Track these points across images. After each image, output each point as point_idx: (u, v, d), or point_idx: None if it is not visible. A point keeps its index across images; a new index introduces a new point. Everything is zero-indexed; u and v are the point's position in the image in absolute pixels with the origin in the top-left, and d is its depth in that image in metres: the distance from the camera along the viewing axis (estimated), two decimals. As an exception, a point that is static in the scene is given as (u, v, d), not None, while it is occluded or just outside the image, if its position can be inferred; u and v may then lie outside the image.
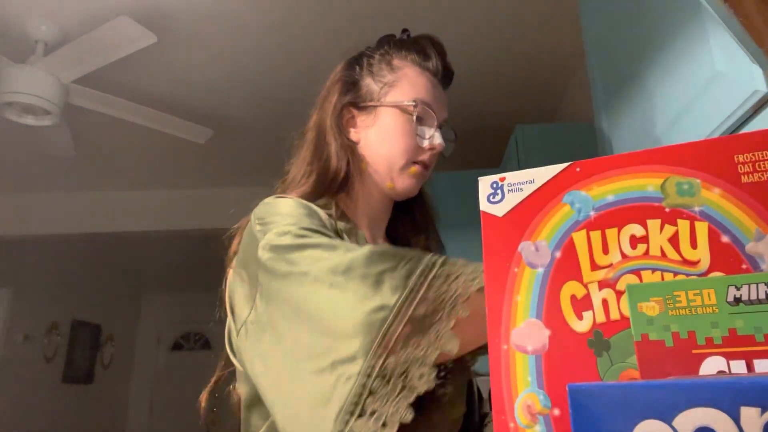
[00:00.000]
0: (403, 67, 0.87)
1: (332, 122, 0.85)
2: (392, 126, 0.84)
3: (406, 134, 0.84)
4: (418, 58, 0.89)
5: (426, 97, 0.86)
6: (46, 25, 2.26)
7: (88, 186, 3.85)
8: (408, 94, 0.85)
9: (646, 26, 1.08)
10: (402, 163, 0.84)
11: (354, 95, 0.87)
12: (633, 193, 0.45)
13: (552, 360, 0.43)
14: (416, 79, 0.87)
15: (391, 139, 0.84)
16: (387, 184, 0.85)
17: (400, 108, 0.84)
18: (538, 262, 0.46)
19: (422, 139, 0.85)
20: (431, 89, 0.87)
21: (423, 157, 0.85)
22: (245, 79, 2.71)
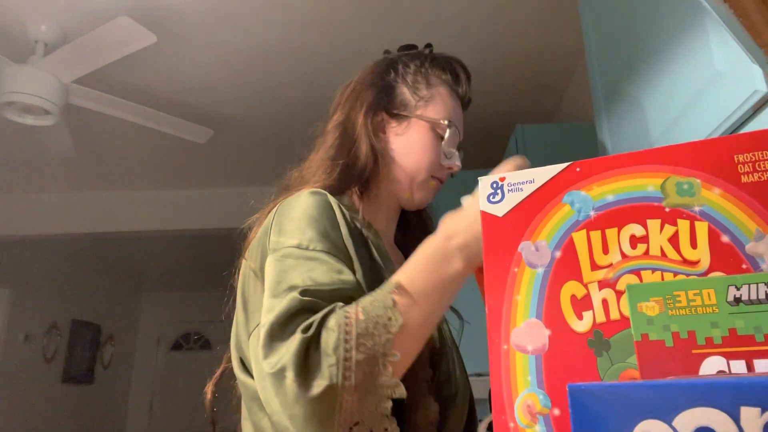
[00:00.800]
0: (438, 85, 0.90)
1: (364, 122, 0.86)
2: (422, 140, 0.87)
3: (434, 151, 0.87)
4: (451, 80, 0.92)
5: (455, 119, 0.89)
6: (46, 25, 2.26)
7: (88, 186, 3.85)
8: (441, 112, 0.88)
9: (646, 26, 1.08)
10: (423, 177, 0.87)
11: (389, 100, 0.88)
12: (633, 193, 0.45)
13: (552, 360, 0.43)
14: (448, 100, 0.90)
15: (418, 153, 0.87)
16: (406, 194, 0.88)
17: (433, 124, 0.87)
18: (538, 262, 0.46)
19: (446, 159, 0.88)
20: (459, 112, 0.92)
21: (440, 174, 0.89)
22: (245, 79, 2.71)
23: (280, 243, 0.69)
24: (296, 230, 0.70)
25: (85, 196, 3.92)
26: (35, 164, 3.46)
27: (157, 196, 3.93)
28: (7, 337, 4.33)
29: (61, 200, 3.90)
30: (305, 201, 0.74)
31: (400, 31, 2.33)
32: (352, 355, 0.57)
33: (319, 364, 0.57)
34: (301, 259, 0.66)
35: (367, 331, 0.58)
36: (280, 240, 0.70)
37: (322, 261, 0.66)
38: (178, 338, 6.19)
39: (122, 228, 3.90)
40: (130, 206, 3.89)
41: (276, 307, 0.61)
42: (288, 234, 0.70)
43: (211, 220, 3.81)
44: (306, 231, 0.69)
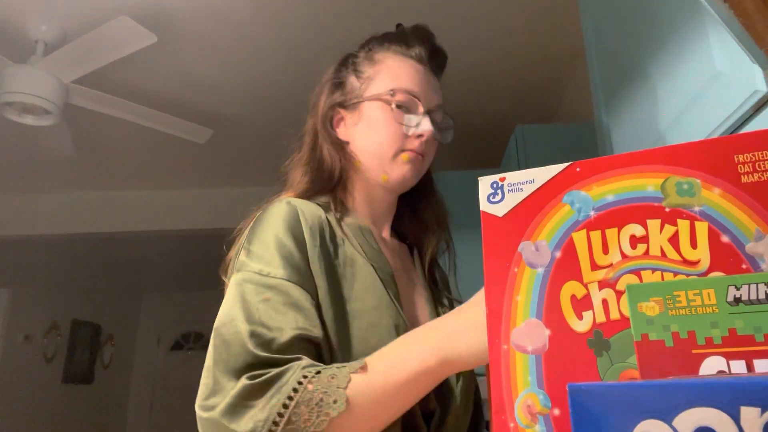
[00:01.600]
0: (383, 59, 0.87)
1: (322, 123, 0.87)
2: (375, 118, 0.84)
3: (389, 123, 0.83)
4: (399, 47, 0.88)
5: (408, 84, 0.84)
6: (46, 25, 2.26)
7: (88, 186, 3.85)
8: (387, 84, 0.85)
9: (646, 26, 1.08)
10: (391, 153, 0.83)
11: (340, 95, 0.88)
12: (633, 193, 0.45)
13: (552, 360, 0.43)
14: (397, 68, 0.86)
15: (375, 131, 0.84)
16: (381, 177, 0.85)
17: (380, 99, 0.84)
18: (538, 262, 0.46)
19: (408, 127, 0.83)
20: (415, 75, 0.86)
21: (412, 145, 0.84)
22: (245, 79, 2.71)
23: (244, 265, 0.71)
24: (261, 254, 0.71)
25: (85, 196, 3.92)
26: (35, 164, 3.46)
27: (157, 196, 3.93)
28: (7, 337, 4.33)
29: (61, 200, 3.89)
30: (273, 218, 0.75)
31: (400, 31, 2.32)
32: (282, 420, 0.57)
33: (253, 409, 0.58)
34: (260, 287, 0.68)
35: (309, 404, 0.58)
36: (245, 261, 0.72)
37: (279, 292, 0.67)
38: (178, 338, 6.19)
39: (122, 228, 3.90)
40: (130, 206, 3.89)
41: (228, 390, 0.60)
42: (254, 256, 0.71)
43: (211, 220, 3.81)
44: (270, 256, 0.71)
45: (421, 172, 0.86)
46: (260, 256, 0.71)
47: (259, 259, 0.71)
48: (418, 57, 0.88)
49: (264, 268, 0.70)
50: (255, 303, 0.66)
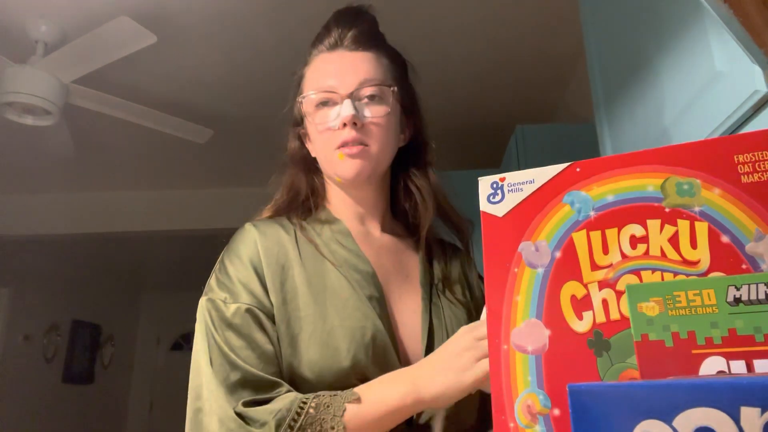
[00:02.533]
0: (308, 63, 0.89)
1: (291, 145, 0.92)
2: (310, 129, 0.86)
3: (320, 128, 0.83)
4: (320, 42, 0.88)
5: (318, 82, 0.84)
6: (46, 25, 2.26)
7: (88, 186, 3.84)
8: (305, 92, 0.86)
9: (646, 26, 1.08)
10: (330, 156, 0.83)
11: (296, 121, 0.92)
12: (633, 193, 0.45)
13: (552, 360, 0.43)
14: (311, 73, 0.87)
15: (314, 141, 0.86)
16: (337, 179, 0.85)
17: (305, 110, 0.86)
18: (538, 262, 0.46)
19: (334, 122, 0.81)
20: (327, 67, 0.85)
21: (342, 138, 0.81)
22: (245, 79, 2.71)
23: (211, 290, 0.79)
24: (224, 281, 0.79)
25: (85, 196, 3.92)
26: (35, 164, 3.46)
27: (157, 196, 3.93)
28: (7, 337, 4.33)
29: (61, 200, 3.89)
30: (233, 245, 0.82)
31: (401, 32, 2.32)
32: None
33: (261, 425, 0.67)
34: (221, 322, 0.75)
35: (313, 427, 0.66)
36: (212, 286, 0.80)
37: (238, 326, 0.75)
38: (178, 338, 6.19)
39: (122, 228, 3.89)
40: (130, 206, 3.89)
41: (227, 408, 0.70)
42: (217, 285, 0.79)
43: (210, 220, 3.80)
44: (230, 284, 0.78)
45: (372, 159, 0.82)
46: (223, 282, 0.78)
47: (223, 287, 0.78)
48: (332, 44, 0.86)
49: (227, 296, 0.77)
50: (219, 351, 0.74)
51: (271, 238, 0.81)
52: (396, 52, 0.92)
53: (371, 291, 0.80)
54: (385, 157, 0.85)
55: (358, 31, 0.86)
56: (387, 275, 0.84)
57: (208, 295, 0.79)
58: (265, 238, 0.81)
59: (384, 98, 0.83)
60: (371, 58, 0.85)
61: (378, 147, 0.82)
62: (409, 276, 0.87)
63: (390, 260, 0.87)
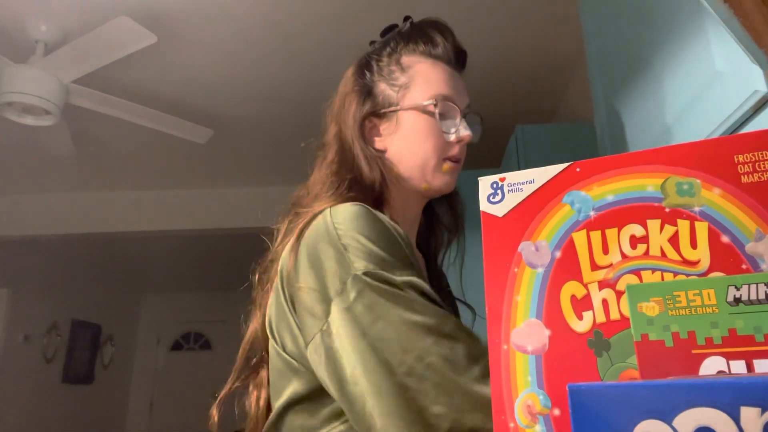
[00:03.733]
0: (413, 64, 0.85)
1: (355, 134, 0.83)
2: (416, 128, 0.83)
3: (432, 134, 0.82)
4: (426, 48, 0.86)
5: (444, 90, 0.83)
6: (46, 25, 2.26)
7: (88, 186, 3.85)
8: (425, 92, 0.83)
9: (646, 26, 1.08)
10: (434, 163, 0.82)
11: (372, 104, 0.85)
12: (633, 193, 0.45)
13: (552, 360, 0.43)
14: (430, 73, 0.84)
15: (417, 142, 0.82)
16: (423, 186, 0.84)
17: (421, 109, 0.82)
18: (538, 262, 0.46)
19: (448, 135, 0.83)
20: (447, 79, 0.85)
21: (453, 152, 0.83)
22: (245, 79, 2.71)
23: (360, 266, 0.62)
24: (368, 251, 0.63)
25: (85, 196, 3.92)
26: (35, 164, 3.46)
27: (157, 196, 3.93)
28: (7, 337, 4.33)
29: (61, 200, 3.89)
30: (355, 219, 0.66)
31: (400, 31, 2.32)
32: None
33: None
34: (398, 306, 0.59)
35: None
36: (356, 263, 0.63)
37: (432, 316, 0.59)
38: (178, 338, 6.19)
39: (122, 228, 3.89)
40: (130, 206, 3.89)
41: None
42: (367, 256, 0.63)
43: (211, 220, 3.80)
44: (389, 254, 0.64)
45: (457, 175, 0.86)
46: (371, 252, 0.63)
47: (370, 256, 0.63)
48: (446, 57, 0.86)
49: (383, 267, 0.62)
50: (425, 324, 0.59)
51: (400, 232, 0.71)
52: None
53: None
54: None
55: (464, 56, 0.89)
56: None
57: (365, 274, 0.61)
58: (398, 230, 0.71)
59: (476, 124, 0.88)
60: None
61: (461, 164, 0.86)
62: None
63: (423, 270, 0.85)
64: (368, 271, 0.62)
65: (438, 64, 0.85)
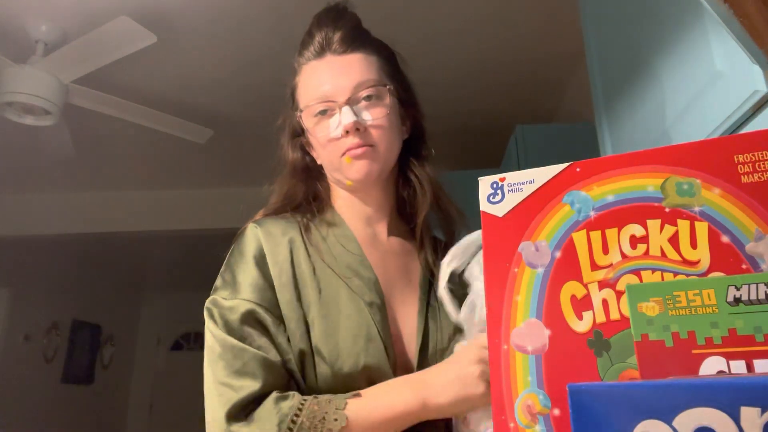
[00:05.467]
0: (298, 73, 0.89)
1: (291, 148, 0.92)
2: (312, 138, 0.86)
3: (321, 138, 0.84)
4: (306, 50, 0.87)
5: (316, 91, 0.84)
6: (46, 25, 2.26)
7: (88, 186, 3.84)
8: (303, 101, 0.86)
9: (646, 26, 1.08)
10: (337, 161, 0.83)
11: (293, 127, 0.92)
12: (633, 193, 0.45)
13: (552, 360, 0.43)
14: (306, 78, 0.87)
15: (318, 148, 0.86)
16: (346, 183, 0.85)
17: (303, 119, 0.86)
18: (538, 262, 0.46)
19: (334, 131, 0.82)
20: (320, 75, 0.84)
21: (347, 144, 0.81)
22: (245, 79, 2.71)
23: (216, 290, 0.80)
24: (229, 281, 0.79)
25: (85, 196, 3.91)
26: (35, 164, 3.46)
27: (157, 196, 3.93)
28: (7, 337, 4.33)
29: (61, 200, 3.89)
30: (240, 247, 0.82)
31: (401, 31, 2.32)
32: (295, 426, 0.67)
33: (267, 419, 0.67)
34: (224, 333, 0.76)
35: (312, 421, 0.67)
36: (217, 285, 0.81)
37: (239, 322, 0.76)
38: (178, 338, 6.19)
39: (122, 228, 3.89)
40: (130, 206, 3.89)
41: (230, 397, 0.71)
42: (224, 283, 0.80)
43: (211, 220, 3.80)
44: (237, 284, 0.78)
45: (380, 159, 0.83)
46: (229, 282, 0.79)
47: (227, 286, 0.79)
48: (319, 51, 0.86)
49: (228, 292, 0.78)
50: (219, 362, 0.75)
51: (275, 237, 0.82)
52: (383, 45, 0.91)
53: (372, 297, 0.79)
54: (392, 155, 0.86)
55: (343, 32, 0.86)
56: (391, 280, 0.84)
57: (212, 294, 0.80)
58: (270, 237, 0.81)
59: (381, 98, 0.84)
60: (361, 58, 0.85)
61: (384, 147, 0.83)
62: (412, 279, 0.87)
63: (395, 264, 0.87)
64: (211, 298, 0.80)
65: (311, 63, 0.86)
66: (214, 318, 0.77)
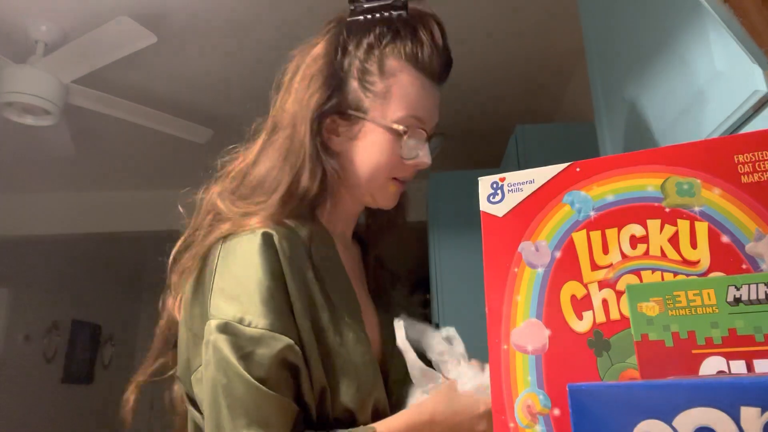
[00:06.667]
0: (394, 71, 0.77)
1: (311, 128, 0.76)
2: (378, 144, 0.77)
3: (390, 153, 0.77)
4: (412, 52, 0.77)
5: (418, 111, 0.77)
6: (46, 25, 2.26)
7: (88, 186, 3.85)
8: (399, 110, 0.76)
9: (646, 26, 1.08)
10: (383, 179, 0.79)
11: (338, 101, 0.77)
12: (633, 193, 0.45)
13: (552, 360, 0.43)
14: (409, 89, 0.77)
15: (374, 157, 0.77)
16: (366, 198, 0.82)
17: (389, 129, 0.76)
18: (538, 262, 0.46)
19: (408, 159, 0.78)
20: (424, 98, 0.78)
21: (405, 173, 0.80)
22: (245, 79, 2.71)
23: (220, 311, 0.66)
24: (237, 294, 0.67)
25: (85, 196, 3.92)
26: (35, 164, 3.46)
27: (157, 196, 3.93)
28: (7, 337, 4.33)
29: (61, 200, 3.89)
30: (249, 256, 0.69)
31: (400, 31, 2.32)
32: None
33: None
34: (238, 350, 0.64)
35: None
36: (220, 306, 0.67)
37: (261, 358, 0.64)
38: (178, 338, 6.19)
39: (122, 228, 3.89)
40: (130, 206, 3.89)
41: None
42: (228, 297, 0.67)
43: (211, 220, 3.80)
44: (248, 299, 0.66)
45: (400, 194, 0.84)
46: (235, 296, 0.66)
47: (233, 301, 0.66)
48: (430, 69, 0.79)
49: (243, 315, 0.65)
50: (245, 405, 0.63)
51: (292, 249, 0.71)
52: None
53: (357, 314, 0.75)
54: None
55: (448, 66, 0.82)
56: (355, 283, 0.80)
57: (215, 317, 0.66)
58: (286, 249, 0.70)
59: (436, 144, 0.84)
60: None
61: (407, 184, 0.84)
62: (362, 279, 0.87)
63: (355, 266, 0.86)
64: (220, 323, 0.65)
65: (419, 77, 0.78)
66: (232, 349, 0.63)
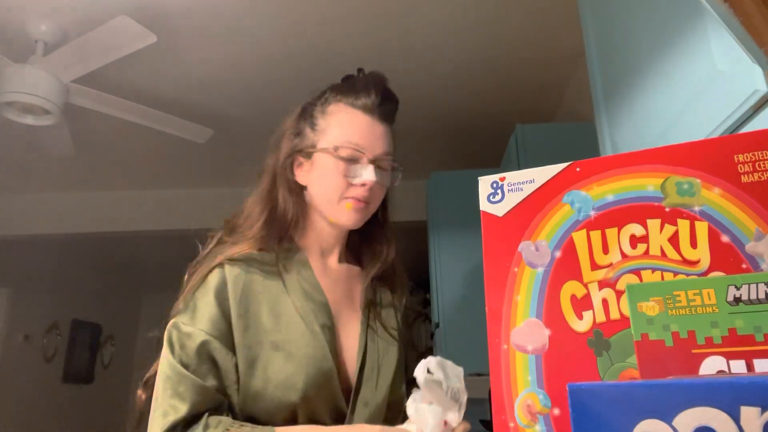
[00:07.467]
0: (335, 111, 0.96)
1: (282, 168, 0.97)
2: (325, 169, 0.93)
3: (335, 175, 0.92)
4: (349, 99, 0.96)
5: (353, 137, 0.93)
6: (46, 25, 2.26)
7: (88, 186, 3.84)
8: (336, 137, 0.93)
9: (646, 26, 1.08)
10: (335, 200, 0.93)
11: (299, 143, 0.98)
12: (633, 193, 0.45)
13: (552, 360, 0.43)
14: (345, 121, 0.94)
15: (323, 181, 0.94)
16: (330, 219, 0.95)
17: (329, 152, 0.93)
18: (538, 262, 0.46)
19: (353, 178, 0.92)
20: (362, 127, 0.94)
21: (356, 193, 0.92)
22: (246, 79, 2.71)
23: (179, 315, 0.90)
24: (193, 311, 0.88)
25: (85, 196, 3.92)
26: (35, 164, 3.46)
27: (157, 196, 3.93)
28: (7, 337, 4.33)
29: (61, 200, 3.89)
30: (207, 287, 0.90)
31: (400, 32, 2.32)
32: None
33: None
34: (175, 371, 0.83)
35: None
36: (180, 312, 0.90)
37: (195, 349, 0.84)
38: (178, 338, 6.19)
39: (122, 228, 3.89)
40: (130, 206, 3.89)
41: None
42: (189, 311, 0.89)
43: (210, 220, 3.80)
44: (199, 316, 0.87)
45: (368, 214, 0.96)
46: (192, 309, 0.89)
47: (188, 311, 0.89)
48: (366, 107, 0.95)
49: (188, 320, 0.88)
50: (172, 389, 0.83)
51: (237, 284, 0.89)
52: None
53: (324, 320, 0.90)
54: (374, 211, 0.99)
55: (389, 108, 0.98)
56: (339, 303, 0.95)
57: (174, 318, 0.90)
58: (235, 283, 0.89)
59: (388, 168, 0.97)
60: (389, 133, 0.98)
61: (374, 205, 0.97)
62: (354, 302, 0.99)
63: (342, 288, 0.98)
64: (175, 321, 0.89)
65: (355, 112, 0.95)
66: (172, 343, 0.86)
